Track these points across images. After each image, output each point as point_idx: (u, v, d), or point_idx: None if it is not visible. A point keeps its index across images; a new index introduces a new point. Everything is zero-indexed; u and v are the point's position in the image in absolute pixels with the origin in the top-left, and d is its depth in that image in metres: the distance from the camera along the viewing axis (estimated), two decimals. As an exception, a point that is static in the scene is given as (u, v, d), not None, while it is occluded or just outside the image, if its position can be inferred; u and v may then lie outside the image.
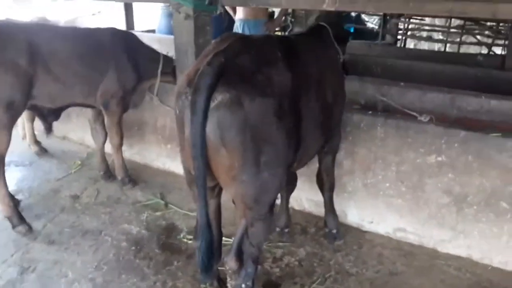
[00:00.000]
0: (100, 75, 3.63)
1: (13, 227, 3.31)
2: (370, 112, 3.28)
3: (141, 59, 3.83)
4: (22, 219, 3.35)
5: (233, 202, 2.28)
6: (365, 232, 3.40)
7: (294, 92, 2.16)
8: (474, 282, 2.90)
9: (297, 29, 7.17)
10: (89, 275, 2.89)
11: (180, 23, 3.58)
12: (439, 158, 3.01)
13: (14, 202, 3.45)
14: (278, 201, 3.23)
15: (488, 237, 3.00)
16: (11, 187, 3.88)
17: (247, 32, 5.24)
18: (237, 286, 2.17)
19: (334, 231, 3.24)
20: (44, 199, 3.79)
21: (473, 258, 3.08)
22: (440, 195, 3.07)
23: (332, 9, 3.17)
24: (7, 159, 4.51)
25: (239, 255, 2.18)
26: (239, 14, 5.35)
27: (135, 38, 4.00)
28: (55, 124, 5.05)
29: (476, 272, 2.98)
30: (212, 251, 2.19)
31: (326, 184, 3.14)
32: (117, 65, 3.67)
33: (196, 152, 1.90)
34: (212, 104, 1.87)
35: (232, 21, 5.59)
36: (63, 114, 4.89)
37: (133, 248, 3.16)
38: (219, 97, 1.88)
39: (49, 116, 3.79)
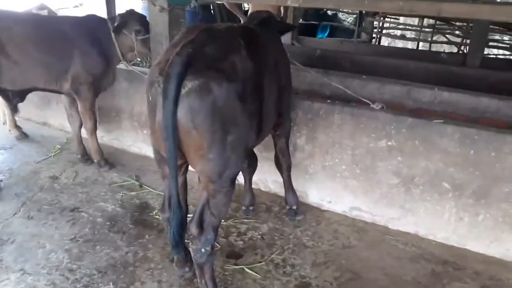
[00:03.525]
0: (61, 62, 3.79)
1: None
2: (329, 100, 3.57)
3: (107, 42, 3.98)
4: None
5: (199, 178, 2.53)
6: (324, 211, 3.69)
7: (255, 77, 2.40)
8: (418, 255, 3.21)
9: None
10: (66, 246, 3.11)
11: (155, 15, 3.80)
12: (389, 143, 3.31)
13: None
14: (242, 182, 3.51)
15: (432, 215, 3.31)
16: (-8, 169, 4.09)
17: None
18: (198, 250, 2.43)
19: (294, 207, 3.54)
20: (24, 180, 3.99)
21: (419, 234, 3.39)
22: (390, 176, 3.37)
23: (296, 5, 3.46)
24: (-12, 142, 4.70)
25: (201, 223, 2.43)
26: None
27: (100, 22, 4.06)
28: (35, 111, 5.29)
29: (421, 246, 3.29)
30: (183, 228, 2.42)
31: (283, 164, 3.42)
32: (81, 52, 3.82)
33: (168, 135, 2.09)
34: (183, 91, 2.06)
35: (205, 15, 5.77)
36: (43, 101, 5.12)
37: (108, 223, 3.40)
38: (189, 84, 2.07)
39: (14, 97, 3.96)
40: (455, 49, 8.97)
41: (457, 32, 9.08)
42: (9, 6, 4.35)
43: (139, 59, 5.00)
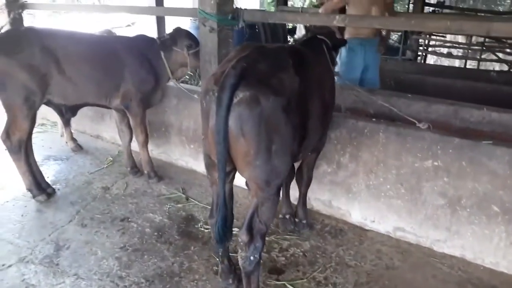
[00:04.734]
0: (112, 80, 4.01)
1: (34, 196, 3.91)
2: (374, 119, 3.57)
3: (157, 60, 4.19)
4: (40, 190, 3.93)
5: (246, 185, 2.66)
6: (367, 230, 3.67)
7: (301, 93, 2.53)
8: (464, 279, 3.12)
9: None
10: (116, 254, 3.27)
11: (205, 35, 3.97)
12: (435, 163, 3.27)
13: (33, 176, 3.96)
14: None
15: (480, 238, 3.22)
16: (50, 178, 4.37)
17: (361, 52, 5.04)
18: (247, 258, 2.51)
19: (304, 221, 3.63)
20: (79, 189, 4.23)
21: (466, 258, 3.30)
22: (436, 197, 3.32)
23: (342, 25, 3.52)
24: (46, 153, 5.06)
25: (250, 230, 2.53)
26: (350, 33, 5.08)
27: (149, 41, 4.28)
28: (90, 124, 5.59)
29: (467, 271, 3.20)
30: (226, 224, 2.53)
31: (305, 178, 3.50)
32: (131, 71, 4.03)
33: (219, 139, 2.26)
34: (235, 100, 2.24)
35: (252, 34, 5.93)
36: (97, 115, 5.42)
37: (156, 234, 3.54)
38: (240, 95, 2.25)
39: (67, 112, 4.24)
40: (506, 67, 8.69)
41: (508, 50, 8.81)
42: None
43: (187, 77, 5.21)
